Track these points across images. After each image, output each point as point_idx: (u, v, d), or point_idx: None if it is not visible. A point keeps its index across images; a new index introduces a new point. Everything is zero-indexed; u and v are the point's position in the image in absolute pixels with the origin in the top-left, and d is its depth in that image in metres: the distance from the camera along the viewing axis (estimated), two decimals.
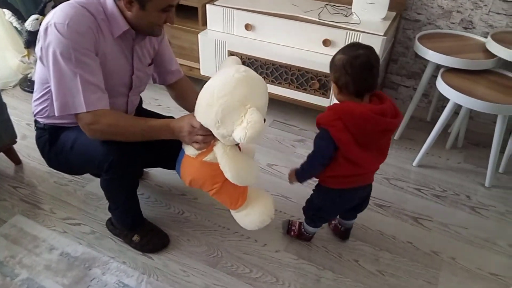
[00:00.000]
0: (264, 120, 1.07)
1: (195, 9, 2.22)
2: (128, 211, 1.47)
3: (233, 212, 1.36)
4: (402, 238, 1.59)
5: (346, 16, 2.05)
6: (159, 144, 1.31)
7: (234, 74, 1.07)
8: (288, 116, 2.31)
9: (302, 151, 2.05)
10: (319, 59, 1.95)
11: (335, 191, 1.29)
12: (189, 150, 1.23)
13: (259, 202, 1.32)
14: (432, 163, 2.02)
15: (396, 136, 2.19)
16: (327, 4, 2.15)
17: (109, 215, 1.52)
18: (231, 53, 2.15)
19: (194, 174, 1.25)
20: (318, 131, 1.19)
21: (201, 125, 1.14)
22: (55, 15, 1.13)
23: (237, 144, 1.21)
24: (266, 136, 2.15)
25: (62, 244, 1.52)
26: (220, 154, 1.17)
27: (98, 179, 1.38)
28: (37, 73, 1.29)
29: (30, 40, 2.40)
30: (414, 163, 1.99)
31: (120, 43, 1.25)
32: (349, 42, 1.86)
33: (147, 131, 1.22)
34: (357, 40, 1.87)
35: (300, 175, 1.29)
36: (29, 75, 2.56)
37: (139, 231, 1.50)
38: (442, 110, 2.30)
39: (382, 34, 1.86)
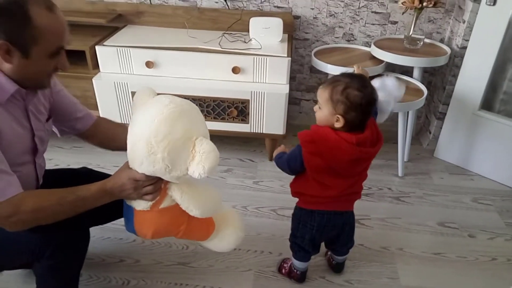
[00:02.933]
0: None
1: (82, 52, 2.00)
2: None
3: (204, 242, 1.28)
4: None
5: (245, 42, 2.09)
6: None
7: (163, 111, 0.96)
8: None
9: (234, 181, 2.00)
10: (232, 87, 1.94)
11: (307, 212, 1.28)
12: (140, 205, 1.09)
13: (228, 221, 1.28)
14: None
15: None
16: (224, 33, 2.17)
17: None
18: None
19: (155, 226, 1.12)
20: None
21: (146, 176, 1.02)
22: None
23: None
24: None
25: None
26: (179, 197, 1.07)
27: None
28: None
29: None
30: None
31: (9, 108, 1.01)
32: (255, 66, 1.91)
33: (80, 204, 1.03)
34: (265, 64, 1.92)
35: (277, 158, 1.29)
36: None
37: None
38: None
39: (286, 55, 1.95)
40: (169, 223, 1.13)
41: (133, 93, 1.98)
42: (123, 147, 1.12)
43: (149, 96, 1.04)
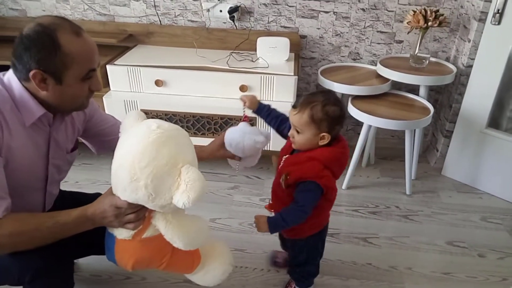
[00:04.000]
0: None
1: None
2: None
3: (189, 276, 1.22)
4: (361, 261, 1.64)
5: (253, 61, 2.12)
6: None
7: (149, 136, 0.93)
8: (214, 165, 2.25)
9: (240, 197, 2.01)
10: (240, 105, 1.96)
11: (316, 236, 1.28)
12: (122, 234, 1.04)
13: (215, 253, 1.22)
14: (357, 183, 2.16)
15: None
16: (232, 52, 2.21)
17: None
18: (144, 112, 2.00)
19: (136, 256, 1.07)
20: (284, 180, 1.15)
21: (128, 203, 0.97)
22: None
23: None
24: None
25: None
26: (163, 227, 1.02)
27: None
28: None
29: None
30: (343, 186, 2.11)
31: (32, 132, 1.03)
32: (262, 85, 1.94)
33: (59, 231, 0.99)
34: (272, 82, 1.95)
35: (275, 225, 1.18)
36: None
37: None
38: (347, 134, 2.51)
39: (293, 74, 1.98)
40: (152, 254, 1.08)
41: (142, 111, 2.01)
42: None
43: (137, 120, 1.02)
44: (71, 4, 2.33)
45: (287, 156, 1.22)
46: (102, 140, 1.32)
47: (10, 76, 1.01)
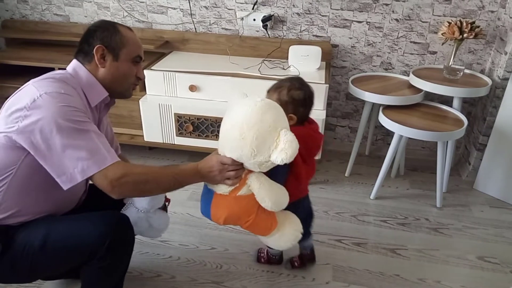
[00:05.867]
0: None
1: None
2: None
3: (264, 238, 1.35)
4: (388, 272, 1.63)
5: (284, 69, 2.16)
6: None
7: (256, 104, 1.11)
8: None
9: None
10: None
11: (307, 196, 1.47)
12: (221, 189, 1.21)
13: (287, 221, 1.34)
14: (385, 194, 2.15)
15: (347, 173, 2.30)
16: (264, 60, 2.25)
17: None
18: (178, 116, 2.09)
19: (230, 211, 1.22)
20: None
21: (233, 161, 1.14)
22: (41, 88, 1.04)
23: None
24: None
25: None
26: (256, 187, 1.19)
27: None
28: None
29: None
30: (372, 196, 2.10)
31: (93, 113, 1.21)
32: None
33: (179, 175, 1.15)
34: None
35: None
36: None
37: None
38: (377, 144, 2.50)
39: (324, 82, 2.00)
40: (242, 210, 1.23)
41: (176, 115, 2.09)
42: None
43: (242, 97, 1.22)
44: (111, 11, 2.44)
45: None
46: None
47: (74, 66, 1.17)
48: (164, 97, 2.12)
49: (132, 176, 1.06)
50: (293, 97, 1.27)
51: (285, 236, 1.33)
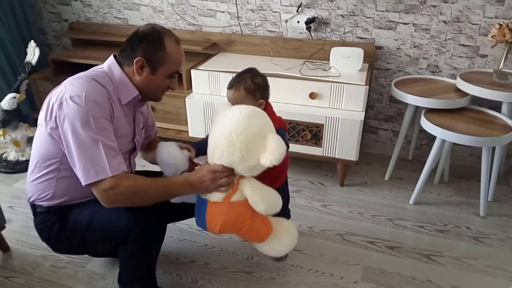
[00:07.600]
0: None
1: (179, 74, 2.27)
2: (148, 282, 1.38)
3: (259, 245, 1.38)
4: (421, 278, 1.60)
5: (325, 70, 2.18)
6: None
7: (242, 111, 1.18)
8: None
9: (302, 201, 2.07)
10: (308, 111, 2.04)
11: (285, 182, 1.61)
12: (215, 196, 1.24)
13: (282, 226, 1.38)
14: (426, 200, 2.09)
15: (387, 177, 2.27)
16: (306, 61, 2.29)
17: None
18: None
19: (225, 218, 1.25)
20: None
21: (223, 167, 1.19)
22: (67, 90, 1.15)
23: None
24: None
25: None
26: (249, 191, 1.22)
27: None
28: (38, 151, 1.24)
29: (7, 119, 2.33)
30: (411, 201, 2.06)
31: (125, 109, 1.28)
32: (332, 93, 2.00)
33: (168, 187, 1.21)
34: (342, 91, 1.99)
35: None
36: (4, 155, 2.43)
37: None
38: (421, 149, 2.43)
39: (364, 83, 2.00)
40: (237, 216, 1.26)
41: None
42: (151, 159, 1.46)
43: (226, 107, 1.29)
44: (165, 14, 2.61)
45: None
46: (146, 136, 1.51)
47: (110, 64, 1.25)
48: (209, 96, 2.23)
49: (121, 188, 1.13)
50: (259, 84, 1.36)
51: (281, 242, 1.36)
